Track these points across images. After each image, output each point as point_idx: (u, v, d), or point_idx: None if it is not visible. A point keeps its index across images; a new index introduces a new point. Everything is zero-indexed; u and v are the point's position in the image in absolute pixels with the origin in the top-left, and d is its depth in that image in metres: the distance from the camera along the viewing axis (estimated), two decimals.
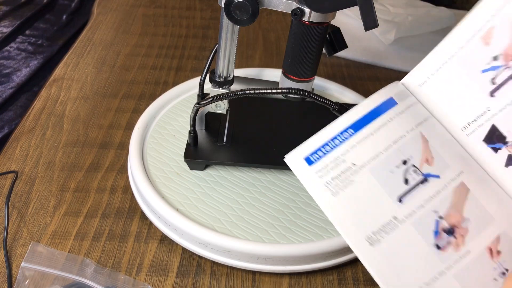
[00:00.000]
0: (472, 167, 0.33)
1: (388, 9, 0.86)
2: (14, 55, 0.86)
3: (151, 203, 0.44)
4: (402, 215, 0.31)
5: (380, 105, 0.33)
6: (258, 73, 0.64)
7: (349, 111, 0.32)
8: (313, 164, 0.31)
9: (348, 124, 0.32)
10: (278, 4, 0.39)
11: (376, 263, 0.29)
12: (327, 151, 0.32)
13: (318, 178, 0.31)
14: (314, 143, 0.32)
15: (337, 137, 0.32)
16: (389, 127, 0.32)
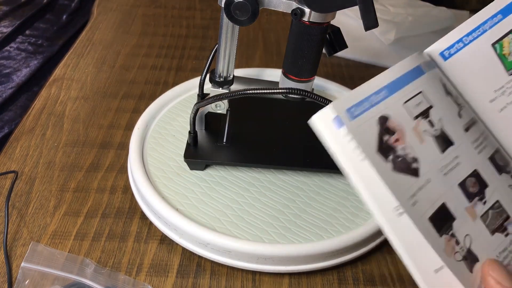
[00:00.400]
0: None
1: (388, 9, 0.86)
2: (14, 55, 0.86)
3: (151, 203, 0.44)
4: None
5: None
6: (258, 73, 0.64)
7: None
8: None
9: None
10: (278, 4, 0.39)
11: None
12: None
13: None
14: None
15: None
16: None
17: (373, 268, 0.44)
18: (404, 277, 0.43)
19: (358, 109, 0.28)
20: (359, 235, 0.42)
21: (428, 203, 0.28)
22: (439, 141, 0.30)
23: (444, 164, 0.30)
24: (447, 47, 0.34)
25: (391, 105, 0.29)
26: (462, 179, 0.30)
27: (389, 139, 0.28)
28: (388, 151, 0.28)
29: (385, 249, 0.46)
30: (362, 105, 0.28)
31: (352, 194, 0.48)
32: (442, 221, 0.29)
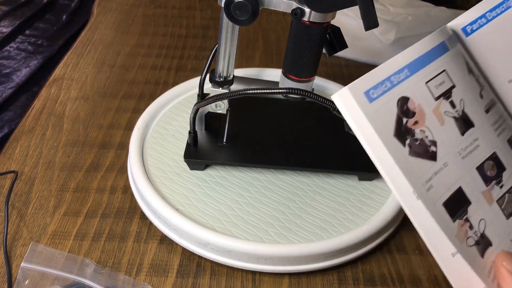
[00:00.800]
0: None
1: (388, 9, 0.86)
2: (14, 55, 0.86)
3: (151, 203, 0.44)
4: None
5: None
6: (258, 73, 0.64)
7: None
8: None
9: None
10: (278, 4, 0.39)
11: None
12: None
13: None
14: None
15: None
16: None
17: (373, 268, 0.44)
18: (404, 277, 0.43)
19: (377, 91, 0.27)
20: (359, 235, 0.42)
21: (443, 187, 0.28)
22: (459, 123, 0.29)
23: (463, 147, 0.29)
24: (469, 22, 0.32)
25: (412, 85, 0.28)
26: (480, 163, 0.30)
27: (408, 122, 0.28)
28: (406, 135, 0.27)
29: (385, 249, 0.46)
30: (381, 87, 0.27)
31: (352, 194, 0.48)
32: (456, 206, 0.28)
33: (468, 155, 0.29)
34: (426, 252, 0.46)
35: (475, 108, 0.30)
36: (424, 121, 0.28)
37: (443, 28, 0.32)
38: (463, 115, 0.30)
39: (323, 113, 0.54)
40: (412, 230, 0.48)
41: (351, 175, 0.50)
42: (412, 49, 0.29)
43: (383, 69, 0.27)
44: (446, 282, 0.43)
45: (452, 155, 0.29)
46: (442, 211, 0.27)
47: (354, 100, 0.26)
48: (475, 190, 0.29)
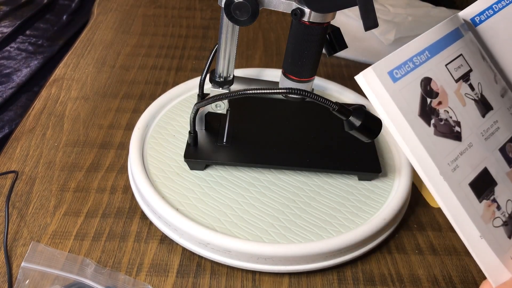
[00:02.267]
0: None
1: (388, 9, 0.86)
2: (14, 55, 0.86)
3: (151, 203, 0.44)
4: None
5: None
6: (258, 73, 0.64)
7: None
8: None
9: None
10: (278, 4, 0.39)
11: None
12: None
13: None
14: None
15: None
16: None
17: (373, 268, 0.44)
18: (403, 277, 0.43)
19: (400, 71, 0.27)
20: (359, 235, 0.42)
21: (469, 168, 0.28)
22: (479, 105, 0.30)
23: (485, 129, 0.29)
24: (478, 12, 0.33)
25: (434, 67, 0.28)
26: (502, 144, 0.30)
27: (432, 102, 0.28)
28: (431, 115, 0.27)
29: (385, 249, 0.46)
30: (404, 67, 0.27)
31: (352, 194, 0.48)
32: (483, 186, 0.28)
33: (490, 136, 0.30)
34: (426, 252, 0.46)
35: (491, 92, 0.31)
36: (447, 101, 0.28)
37: (455, 16, 0.32)
38: (482, 98, 0.30)
39: (323, 113, 0.54)
40: (412, 230, 0.48)
41: (351, 175, 0.50)
42: (430, 33, 0.29)
43: (405, 50, 0.28)
44: (446, 282, 0.43)
45: (476, 135, 0.29)
46: (468, 191, 0.27)
47: (378, 80, 0.26)
48: (500, 171, 0.29)
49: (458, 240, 0.47)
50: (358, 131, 0.40)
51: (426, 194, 0.52)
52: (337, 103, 0.39)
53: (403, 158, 0.51)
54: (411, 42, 0.28)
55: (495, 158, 0.29)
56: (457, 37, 0.30)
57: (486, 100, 0.30)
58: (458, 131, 0.28)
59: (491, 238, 0.27)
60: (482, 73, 0.31)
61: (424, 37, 0.29)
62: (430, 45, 0.29)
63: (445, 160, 0.27)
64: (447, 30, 0.30)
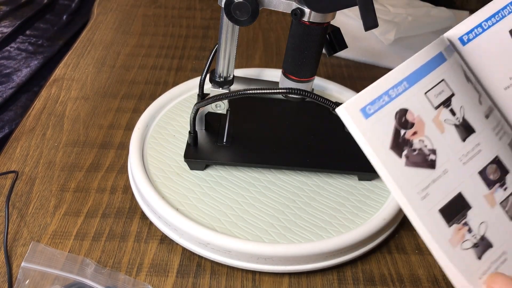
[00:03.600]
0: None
1: (388, 9, 0.86)
2: (14, 55, 0.86)
3: (151, 203, 0.44)
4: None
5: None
6: (258, 73, 0.64)
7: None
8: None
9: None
10: (278, 4, 0.39)
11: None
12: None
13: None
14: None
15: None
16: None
17: (373, 268, 0.44)
18: (404, 276, 0.43)
19: (374, 106, 0.28)
20: (359, 235, 0.42)
21: (441, 194, 0.28)
22: (460, 129, 0.30)
23: (464, 153, 0.30)
24: (466, 31, 0.33)
25: (412, 97, 0.29)
26: (483, 167, 0.30)
27: (406, 133, 0.28)
28: (403, 146, 0.28)
29: (385, 249, 0.46)
30: (379, 101, 0.28)
31: (352, 194, 0.48)
32: (455, 211, 0.29)
33: (469, 160, 0.30)
34: (426, 252, 0.46)
35: (475, 114, 0.31)
36: (424, 130, 0.29)
37: (440, 39, 0.32)
38: (464, 121, 0.30)
39: (323, 113, 0.54)
40: (412, 230, 0.48)
41: (351, 175, 0.50)
42: (410, 62, 0.30)
43: (381, 83, 0.28)
44: (446, 282, 0.43)
45: (453, 161, 0.29)
46: (437, 217, 0.28)
47: (350, 118, 0.27)
48: (476, 194, 0.30)
49: None
50: None
51: None
52: (337, 103, 0.39)
53: None
54: (389, 73, 0.29)
55: (473, 181, 0.30)
56: (439, 62, 0.31)
57: (468, 123, 0.30)
58: (432, 159, 0.29)
59: (459, 260, 0.28)
60: (465, 95, 0.31)
61: (403, 67, 0.29)
62: (408, 75, 0.29)
63: (414, 189, 0.28)
64: (428, 56, 0.30)
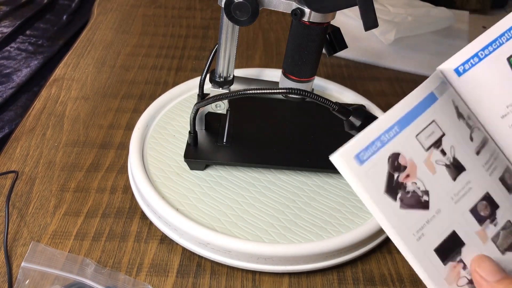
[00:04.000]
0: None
1: (388, 9, 0.86)
2: (14, 55, 0.86)
3: (151, 203, 0.44)
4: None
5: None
6: (258, 73, 0.64)
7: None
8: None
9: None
10: (278, 4, 0.39)
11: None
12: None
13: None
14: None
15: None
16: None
17: (373, 268, 0.44)
18: (404, 276, 0.43)
19: (367, 152, 0.28)
20: (359, 235, 0.42)
21: (435, 234, 0.29)
22: (451, 169, 0.30)
23: (455, 192, 0.30)
24: (462, 62, 0.33)
25: (403, 141, 0.29)
26: (474, 204, 0.31)
27: (399, 176, 0.29)
28: (397, 189, 0.28)
29: (385, 249, 0.46)
30: (372, 147, 0.28)
31: (352, 194, 0.48)
32: (450, 249, 0.29)
33: (461, 199, 0.30)
34: None
35: (465, 152, 0.31)
36: (416, 173, 0.29)
37: (434, 76, 0.32)
38: (454, 161, 0.31)
39: (323, 113, 0.54)
40: None
41: None
42: (400, 105, 0.30)
43: (373, 130, 0.29)
44: None
45: (445, 201, 0.30)
46: (433, 257, 0.29)
47: (344, 165, 0.28)
48: (469, 231, 0.30)
49: None
50: (358, 131, 0.40)
51: None
52: (337, 103, 0.39)
53: None
54: (381, 119, 0.29)
55: (465, 219, 0.30)
56: (430, 103, 0.31)
57: (459, 162, 0.31)
58: (426, 200, 0.29)
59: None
60: (456, 134, 0.31)
61: (394, 111, 0.29)
62: (399, 119, 0.29)
63: (410, 231, 0.28)
64: (419, 98, 0.30)
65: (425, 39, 0.82)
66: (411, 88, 0.31)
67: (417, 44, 0.80)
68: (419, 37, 0.82)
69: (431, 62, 0.76)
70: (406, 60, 0.76)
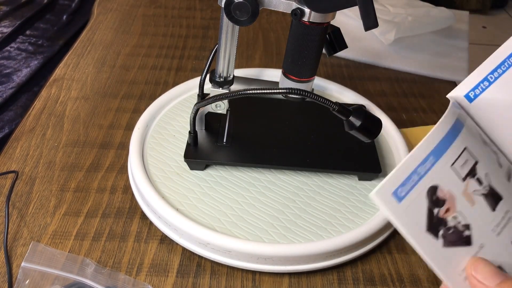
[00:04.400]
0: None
1: (388, 9, 0.86)
2: (14, 55, 0.86)
3: (151, 203, 0.44)
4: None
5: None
6: (258, 73, 0.64)
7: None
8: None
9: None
10: (278, 4, 0.39)
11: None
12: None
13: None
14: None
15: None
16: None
17: (373, 268, 0.44)
18: (404, 276, 0.43)
19: (405, 187, 0.26)
20: (359, 235, 0.42)
21: None
22: (488, 199, 0.29)
23: (496, 223, 0.29)
24: (472, 88, 0.31)
25: (439, 172, 0.27)
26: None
27: (440, 212, 0.27)
28: (439, 226, 0.27)
29: (385, 249, 0.46)
30: (409, 182, 0.26)
31: (352, 194, 0.48)
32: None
33: (502, 230, 0.29)
34: None
35: (498, 179, 0.30)
36: (455, 206, 0.28)
37: (456, 104, 0.31)
38: (491, 189, 0.29)
39: (323, 113, 0.54)
40: None
41: (351, 175, 0.50)
42: (432, 134, 0.28)
43: (409, 163, 0.27)
44: None
45: (487, 234, 0.28)
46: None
47: (383, 204, 0.26)
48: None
49: None
50: (358, 131, 0.40)
51: None
52: (337, 103, 0.39)
53: (403, 158, 0.51)
54: (414, 150, 0.27)
55: (508, 252, 0.29)
56: (459, 130, 0.29)
57: (495, 191, 0.29)
58: (468, 235, 0.28)
59: None
60: (486, 161, 0.29)
61: (427, 140, 0.27)
62: (434, 149, 0.27)
63: (455, 270, 0.27)
64: (448, 125, 0.29)
65: (425, 39, 0.82)
66: (411, 88, 0.30)
67: (417, 44, 0.80)
68: (419, 37, 0.82)
69: (431, 62, 0.76)
70: (406, 60, 0.76)
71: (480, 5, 1.70)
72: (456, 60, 0.78)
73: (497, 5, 2.10)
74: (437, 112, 0.65)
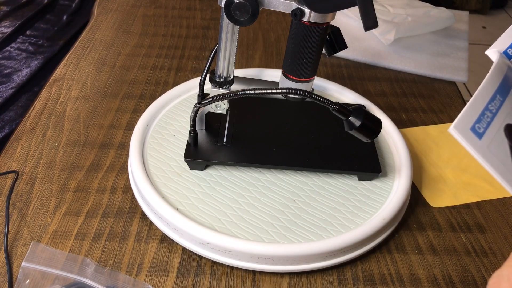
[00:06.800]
0: None
1: (388, 10, 0.86)
2: (14, 55, 0.86)
3: (152, 203, 0.44)
4: None
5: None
6: (258, 73, 0.64)
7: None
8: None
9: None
10: (278, 4, 0.39)
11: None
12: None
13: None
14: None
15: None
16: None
17: (373, 268, 0.44)
18: (403, 276, 0.43)
19: (481, 124, 0.26)
20: (359, 235, 0.42)
21: None
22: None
23: None
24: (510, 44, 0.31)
25: (510, 110, 0.28)
26: None
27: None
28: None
29: (385, 249, 0.46)
30: (484, 118, 0.27)
31: (352, 194, 0.48)
32: None
33: None
34: (426, 252, 0.46)
35: None
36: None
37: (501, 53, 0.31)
38: None
39: (323, 113, 0.54)
40: (412, 230, 0.48)
41: (351, 175, 0.50)
42: (491, 75, 0.28)
43: (477, 100, 0.27)
44: (446, 282, 0.43)
45: None
46: None
47: (464, 139, 0.26)
48: None
49: (458, 240, 0.47)
50: (358, 131, 0.40)
51: (426, 194, 0.52)
52: (337, 103, 0.39)
53: (403, 158, 0.51)
54: (476, 93, 0.27)
55: None
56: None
57: None
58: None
59: None
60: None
61: (488, 81, 0.28)
62: (498, 88, 0.28)
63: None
64: (503, 70, 0.29)
65: (425, 39, 0.82)
66: (411, 88, 0.30)
67: (417, 44, 0.80)
68: (419, 37, 0.82)
69: (431, 62, 0.76)
70: (406, 60, 0.76)
71: (480, 5, 1.70)
72: (456, 60, 0.78)
73: (497, 5, 2.10)
74: (437, 112, 0.65)
